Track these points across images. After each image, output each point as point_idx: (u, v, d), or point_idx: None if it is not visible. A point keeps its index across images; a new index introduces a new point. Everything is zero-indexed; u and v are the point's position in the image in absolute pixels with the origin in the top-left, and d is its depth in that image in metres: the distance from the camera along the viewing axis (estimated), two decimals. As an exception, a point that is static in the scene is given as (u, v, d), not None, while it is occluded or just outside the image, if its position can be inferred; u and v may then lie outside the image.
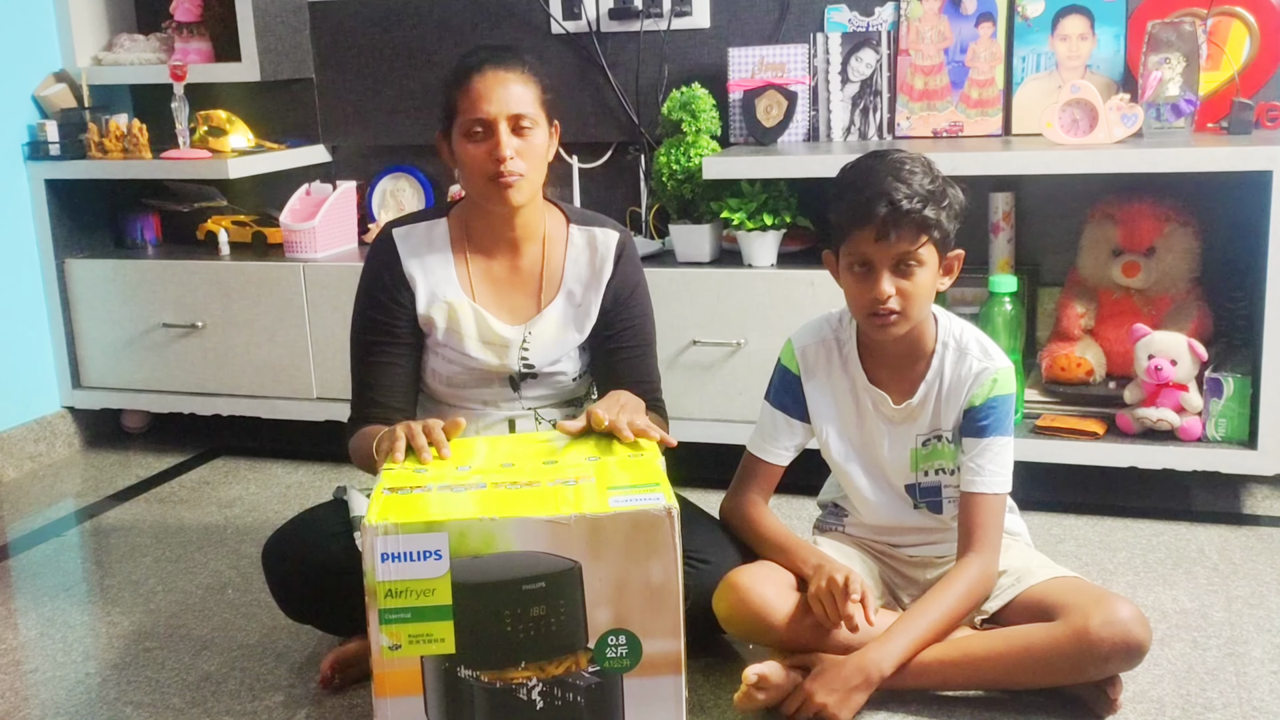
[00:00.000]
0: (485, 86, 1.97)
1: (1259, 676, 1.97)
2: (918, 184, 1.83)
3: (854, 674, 1.82)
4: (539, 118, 2.01)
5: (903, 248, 1.84)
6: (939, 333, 1.97)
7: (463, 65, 2.02)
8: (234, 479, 3.13)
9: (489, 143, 1.97)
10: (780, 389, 2.06)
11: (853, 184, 1.88)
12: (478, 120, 1.97)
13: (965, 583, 1.89)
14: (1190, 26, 2.62)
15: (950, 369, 1.95)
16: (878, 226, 1.83)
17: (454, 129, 2.01)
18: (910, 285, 1.86)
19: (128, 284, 3.26)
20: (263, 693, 2.05)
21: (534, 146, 2.00)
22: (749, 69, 2.95)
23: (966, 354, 1.95)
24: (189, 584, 2.50)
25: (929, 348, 1.96)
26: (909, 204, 1.81)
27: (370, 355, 2.09)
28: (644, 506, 1.60)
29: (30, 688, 2.11)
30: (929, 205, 1.83)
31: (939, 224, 1.84)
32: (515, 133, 1.98)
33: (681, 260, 2.90)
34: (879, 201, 1.82)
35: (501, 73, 1.98)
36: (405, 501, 1.64)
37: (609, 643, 1.64)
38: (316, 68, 3.39)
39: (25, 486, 3.16)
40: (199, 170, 3.18)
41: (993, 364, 1.94)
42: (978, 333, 1.99)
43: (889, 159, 1.88)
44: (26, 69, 3.27)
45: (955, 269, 1.94)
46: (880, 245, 1.84)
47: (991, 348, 1.97)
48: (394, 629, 1.60)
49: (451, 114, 2.02)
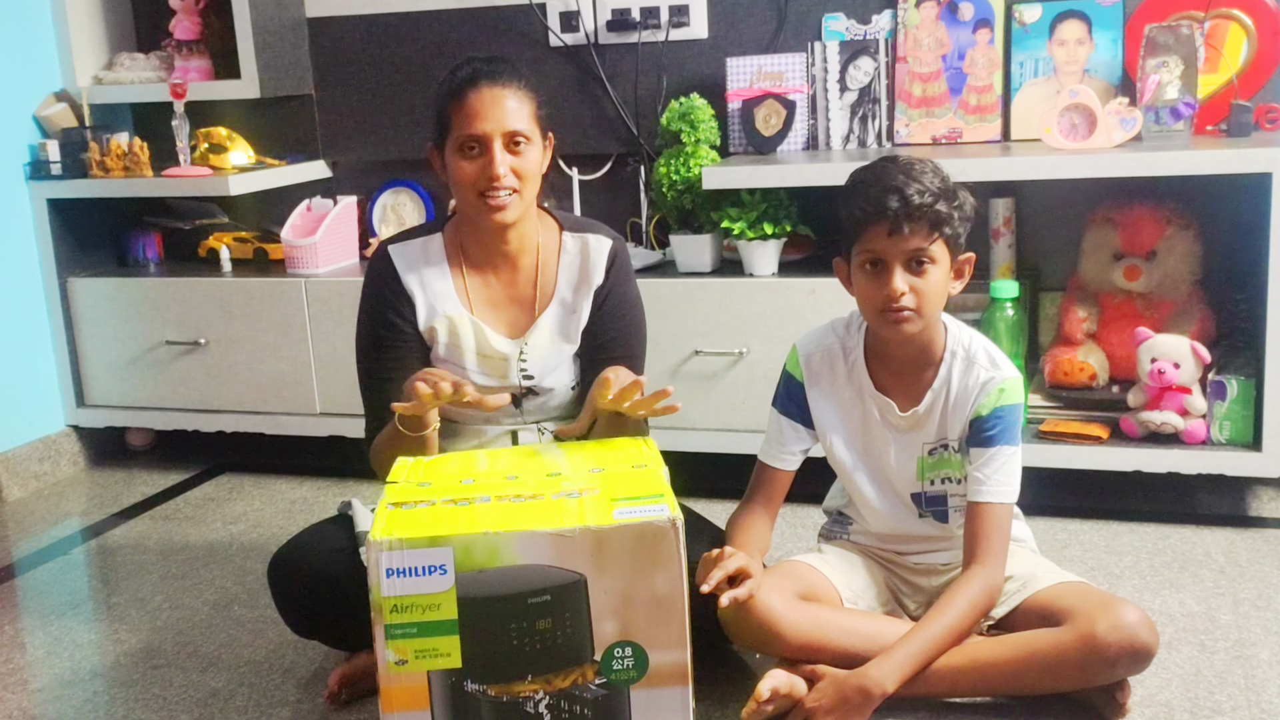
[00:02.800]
0: (480, 103, 1.96)
1: (1267, 679, 1.96)
2: (929, 181, 1.85)
3: (854, 694, 1.82)
4: (534, 133, 2.00)
5: (916, 243, 1.84)
6: (948, 341, 1.97)
7: (456, 79, 2.00)
8: (238, 495, 3.13)
9: (483, 160, 1.96)
10: (785, 396, 2.06)
11: (864, 181, 1.89)
12: (472, 137, 1.96)
13: (968, 597, 1.88)
14: (1188, 29, 2.63)
15: (958, 378, 1.95)
16: (891, 221, 1.83)
17: (447, 143, 2.00)
18: (923, 283, 1.86)
19: (130, 302, 3.26)
20: (270, 708, 2.05)
21: (528, 163, 1.99)
22: (747, 79, 2.96)
23: (974, 363, 1.95)
24: (195, 601, 2.50)
25: (937, 355, 1.96)
26: (920, 199, 1.82)
27: (382, 372, 2.06)
28: (648, 518, 1.60)
29: (38, 706, 2.11)
30: (941, 201, 1.84)
31: (951, 221, 1.85)
32: (510, 149, 1.97)
33: (682, 270, 2.90)
34: (892, 196, 1.83)
35: (497, 89, 1.97)
36: (410, 516, 1.64)
37: (615, 655, 1.63)
38: (316, 84, 3.39)
39: (30, 505, 3.16)
40: (200, 188, 3.19)
41: (1000, 374, 1.94)
42: (987, 342, 1.98)
43: (899, 160, 1.90)
44: (27, 89, 3.28)
45: (966, 273, 1.94)
46: (893, 240, 1.84)
47: (1000, 357, 1.96)
48: (400, 644, 1.60)
49: (445, 128, 2.00)
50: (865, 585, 2.04)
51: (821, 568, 2.02)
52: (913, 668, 1.84)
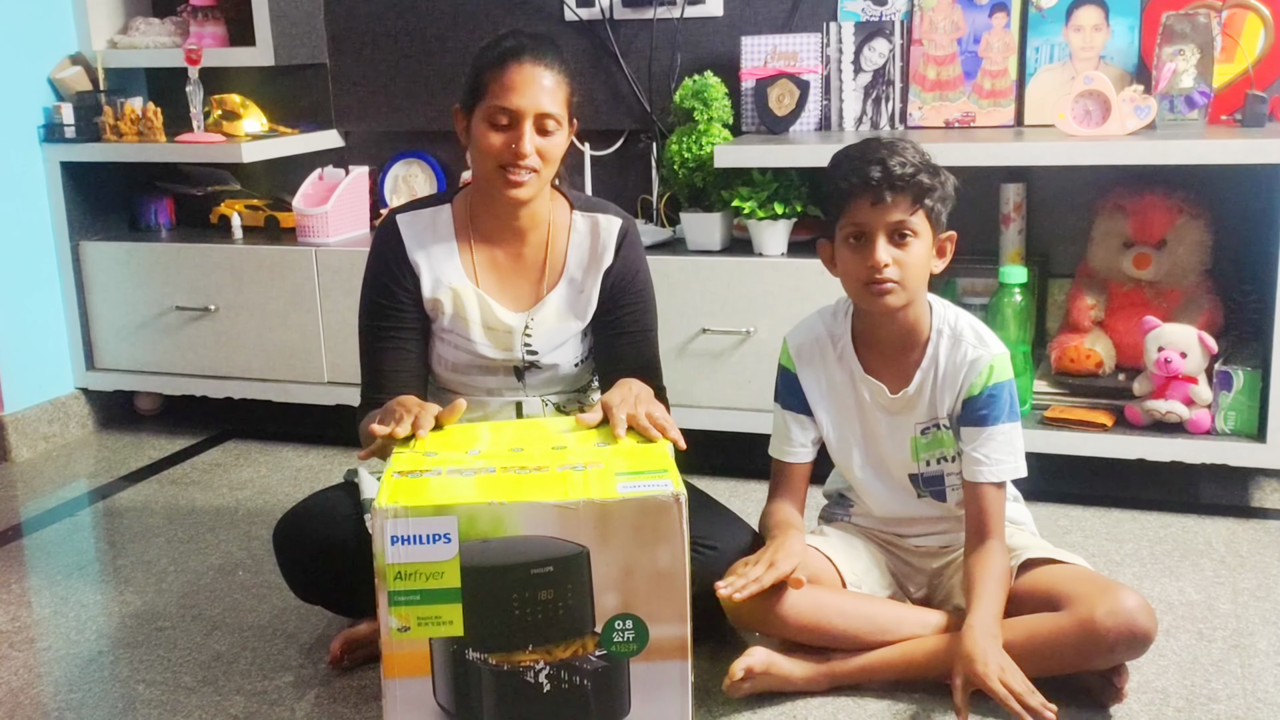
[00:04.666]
0: (521, 78, 1.95)
1: (1264, 668, 1.97)
2: (910, 155, 1.88)
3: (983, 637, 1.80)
4: (563, 118, 2.00)
5: (898, 214, 1.86)
6: (934, 320, 1.98)
7: (501, 48, 1.98)
8: (245, 461, 3.15)
9: (510, 134, 1.96)
10: (783, 390, 2.07)
11: (848, 155, 1.92)
12: (505, 110, 1.96)
13: (1002, 565, 1.90)
14: (1205, 18, 2.62)
15: (945, 356, 1.96)
16: (874, 191, 1.85)
17: (477, 109, 2.00)
18: (905, 255, 1.87)
19: (141, 267, 3.27)
20: (273, 672, 2.07)
21: (554, 147, 1.99)
22: (761, 57, 2.96)
23: (961, 340, 1.96)
24: (200, 565, 2.52)
25: (924, 335, 1.97)
26: (902, 169, 1.85)
27: (378, 341, 2.08)
28: (652, 492, 1.61)
29: (44, 665, 2.13)
30: (923, 173, 1.87)
31: (932, 193, 1.87)
32: (539, 131, 1.97)
33: (692, 248, 2.90)
34: (874, 167, 1.86)
35: (540, 68, 1.96)
36: (415, 485, 1.65)
37: (616, 627, 1.65)
38: (330, 53, 3.39)
39: (39, 466, 3.18)
40: (213, 154, 3.19)
41: (987, 350, 1.94)
42: (972, 319, 1.99)
43: (881, 138, 1.94)
44: (42, 52, 3.28)
45: (949, 251, 1.96)
46: (876, 210, 1.86)
47: (986, 333, 1.97)
48: (403, 611, 1.61)
49: (478, 94, 1.99)
50: (867, 568, 2.05)
51: (824, 549, 2.02)
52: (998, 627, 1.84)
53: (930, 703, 1.89)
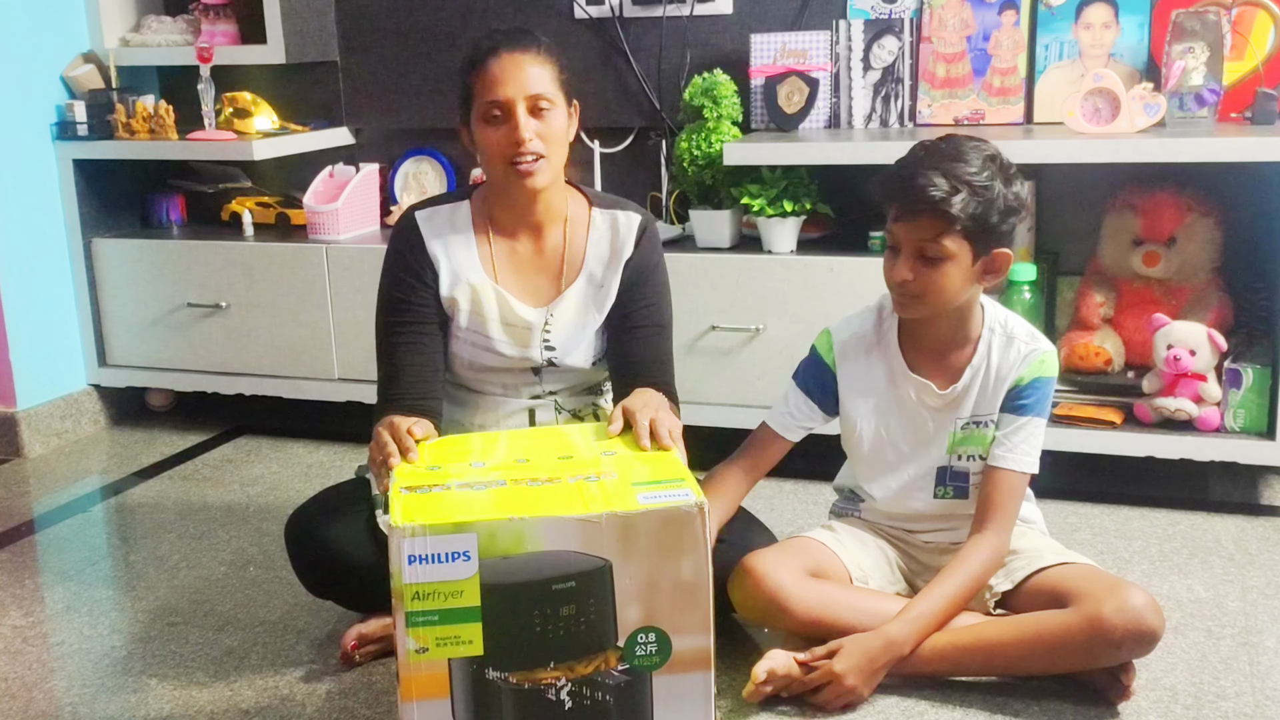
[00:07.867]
0: (501, 69, 1.96)
1: (1272, 666, 1.97)
2: (958, 173, 1.82)
3: (880, 651, 1.85)
4: (557, 97, 1.99)
5: (923, 234, 1.85)
6: (985, 319, 1.99)
7: (477, 50, 2.01)
8: (256, 458, 3.16)
9: (507, 125, 1.96)
10: (809, 374, 2.07)
11: (904, 161, 1.90)
12: (495, 103, 1.96)
13: (979, 560, 1.91)
14: (1215, 16, 2.61)
15: (998, 354, 1.97)
16: (899, 209, 1.85)
17: (472, 114, 2.01)
18: (932, 274, 1.87)
19: (153, 264, 3.29)
20: (284, 668, 2.08)
21: (553, 127, 1.99)
22: (771, 55, 2.96)
23: (1014, 339, 1.97)
24: (212, 561, 2.53)
25: (975, 334, 1.98)
26: (934, 192, 1.81)
27: (396, 338, 2.06)
28: (675, 503, 1.56)
29: (57, 660, 2.15)
30: (957, 198, 1.81)
31: (964, 220, 1.83)
32: (533, 114, 1.97)
33: (701, 245, 2.91)
34: (906, 185, 1.84)
35: (517, 54, 1.97)
36: (428, 501, 1.59)
37: (638, 641, 1.60)
38: (341, 51, 3.40)
39: (51, 462, 3.20)
40: (224, 152, 3.21)
41: (1040, 346, 1.97)
42: (1024, 320, 2.01)
43: (949, 145, 1.88)
44: (55, 50, 3.30)
45: (1002, 269, 1.92)
46: (901, 227, 1.87)
47: (1038, 334, 2.00)
48: (421, 632, 1.54)
49: (469, 99, 2.01)
50: (875, 564, 2.06)
51: (832, 545, 2.03)
52: (928, 627, 1.88)
53: (942, 702, 1.89)
